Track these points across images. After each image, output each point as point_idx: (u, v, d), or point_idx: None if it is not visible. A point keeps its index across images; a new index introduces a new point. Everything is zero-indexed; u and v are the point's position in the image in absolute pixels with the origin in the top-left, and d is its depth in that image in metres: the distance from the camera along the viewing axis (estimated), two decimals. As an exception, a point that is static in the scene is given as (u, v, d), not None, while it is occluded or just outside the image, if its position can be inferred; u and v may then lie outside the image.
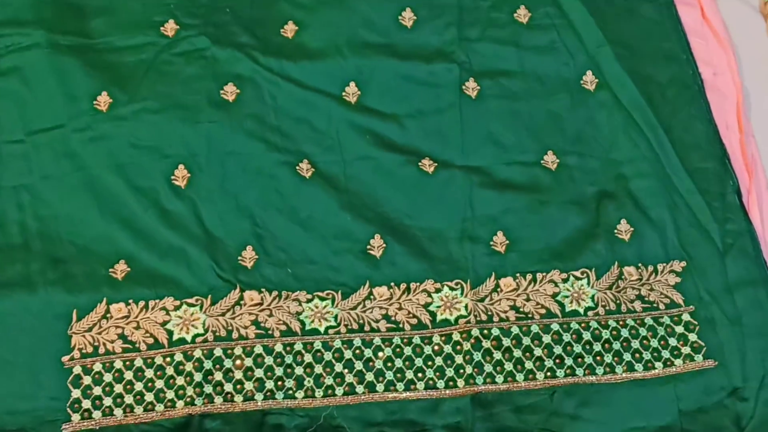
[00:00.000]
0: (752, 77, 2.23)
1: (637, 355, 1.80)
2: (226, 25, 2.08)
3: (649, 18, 2.23)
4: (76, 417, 1.68)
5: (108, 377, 1.72)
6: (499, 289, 1.85)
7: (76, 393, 1.70)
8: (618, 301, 1.85)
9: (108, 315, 1.77)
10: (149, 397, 1.71)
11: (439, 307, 1.82)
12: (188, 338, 1.76)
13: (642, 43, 2.19)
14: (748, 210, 1.98)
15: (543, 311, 1.84)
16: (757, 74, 2.24)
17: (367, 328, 1.80)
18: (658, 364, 1.80)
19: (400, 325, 1.81)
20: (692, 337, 1.83)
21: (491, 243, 1.90)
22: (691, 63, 2.18)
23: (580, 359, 1.79)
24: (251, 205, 1.89)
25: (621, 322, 1.83)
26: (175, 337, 1.76)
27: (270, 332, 1.78)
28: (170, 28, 2.07)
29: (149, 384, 1.72)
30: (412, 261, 1.87)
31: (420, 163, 1.97)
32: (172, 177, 1.90)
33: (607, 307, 1.84)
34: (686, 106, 2.10)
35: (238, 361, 1.74)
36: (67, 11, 2.06)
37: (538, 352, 1.79)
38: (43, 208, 1.86)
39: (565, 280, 1.87)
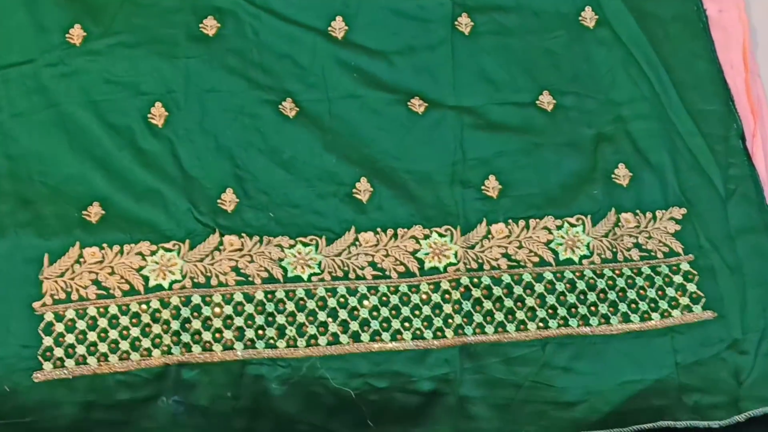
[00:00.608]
0: (760, 14, 2.14)
1: (634, 305, 1.75)
2: None
3: (652, -50, 2.12)
4: (47, 365, 1.63)
5: (81, 324, 1.66)
6: (490, 236, 1.79)
7: (47, 341, 1.64)
8: (614, 250, 1.79)
9: (81, 260, 1.71)
10: (124, 345, 1.66)
11: (427, 254, 1.76)
12: (165, 284, 1.70)
13: None
14: (751, 154, 1.91)
15: (536, 259, 1.77)
16: (764, 11, 2.15)
17: (352, 275, 1.74)
18: (656, 315, 1.74)
19: (387, 273, 1.74)
20: (691, 287, 1.77)
21: (483, 187, 1.83)
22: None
23: (573, 309, 1.74)
24: (231, 146, 1.82)
25: (617, 272, 1.77)
26: (152, 283, 1.70)
27: (251, 279, 1.71)
28: None
29: (124, 332, 1.67)
30: (400, 205, 1.80)
31: (409, 103, 1.89)
32: (149, 115, 1.83)
33: (603, 256, 1.78)
34: (689, 43, 2.02)
35: (216, 309, 1.68)
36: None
37: (530, 301, 1.74)
38: (12, 146, 1.78)
39: (559, 227, 1.81)
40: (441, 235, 1.78)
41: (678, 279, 1.77)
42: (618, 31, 2.00)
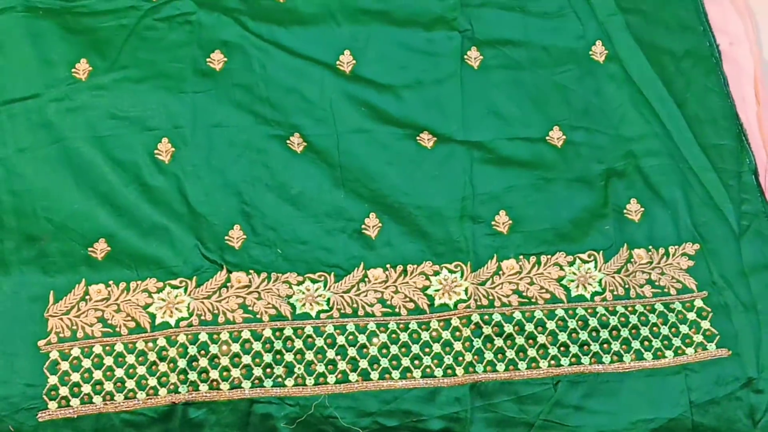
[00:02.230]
0: (769, 47, 2.12)
1: (647, 343, 1.72)
2: None
3: (664, -16, 2.11)
4: (53, 405, 1.61)
5: (87, 363, 1.64)
6: (501, 272, 1.77)
7: (53, 379, 1.62)
8: (627, 286, 1.77)
9: (87, 297, 1.69)
10: (130, 384, 1.63)
11: (437, 290, 1.74)
12: (172, 322, 1.68)
13: (656, 12, 2.08)
14: (765, 190, 1.89)
15: (547, 296, 1.75)
16: (776, 43, 2.14)
17: (361, 312, 1.72)
18: (669, 353, 1.71)
19: (396, 310, 1.72)
20: (705, 324, 1.74)
21: (493, 223, 1.81)
22: (708, 33, 2.07)
23: (585, 347, 1.71)
24: (239, 182, 1.80)
25: (630, 308, 1.75)
26: (158, 320, 1.68)
27: (258, 316, 1.70)
28: None
29: (130, 370, 1.64)
30: (409, 241, 1.78)
31: (418, 138, 1.88)
32: (156, 151, 1.81)
33: (615, 292, 1.76)
34: (702, 78, 2.00)
35: (224, 347, 1.66)
36: (43, -29, 1.94)
37: (541, 339, 1.71)
38: (17, 182, 1.77)
39: (570, 263, 1.78)
40: (451, 272, 1.76)
41: (691, 316, 1.75)
42: (628, 67, 1.99)
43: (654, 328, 1.74)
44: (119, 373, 1.64)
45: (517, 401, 1.67)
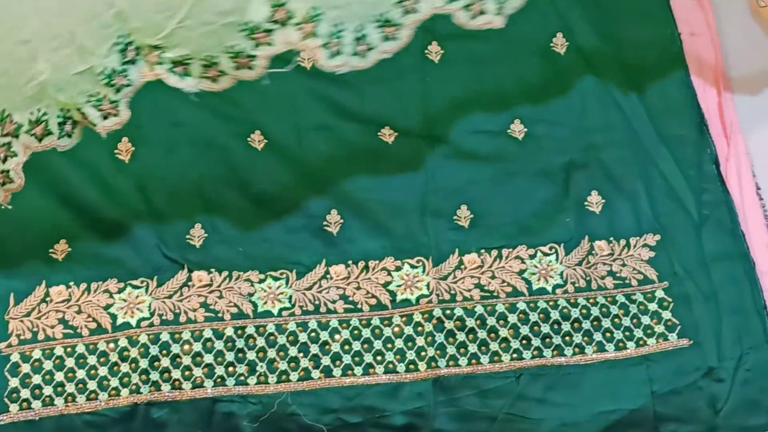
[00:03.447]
0: (732, 36, 2.12)
1: (608, 334, 1.72)
2: None
3: (625, -27, 2.11)
4: (14, 407, 1.61)
5: (48, 365, 1.64)
6: (462, 267, 1.76)
7: (14, 382, 1.62)
8: (588, 278, 1.77)
9: (48, 298, 1.69)
10: (92, 385, 1.63)
11: (399, 286, 1.73)
12: (133, 322, 1.68)
13: (619, 2, 2.07)
14: (725, 179, 1.89)
15: (509, 289, 1.75)
16: (736, 33, 2.13)
17: (323, 309, 1.72)
18: (630, 344, 1.72)
19: (358, 306, 1.72)
20: (666, 314, 1.74)
21: (454, 217, 1.81)
22: (671, 23, 2.06)
23: (547, 340, 1.71)
24: (200, 180, 1.80)
25: (591, 300, 1.75)
26: (119, 321, 1.68)
27: (220, 315, 1.69)
28: None
29: (92, 371, 1.64)
30: (371, 238, 1.78)
31: (379, 133, 1.87)
32: (115, 150, 1.80)
33: (577, 285, 1.76)
34: (663, 69, 2.00)
35: (186, 346, 1.65)
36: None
37: (503, 332, 1.71)
38: None
39: (532, 257, 1.78)
40: (413, 267, 1.75)
41: (653, 307, 1.75)
42: (590, 58, 1.98)
43: (615, 320, 1.74)
44: (81, 374, 1.64)
45: (479, 395, 1.67)
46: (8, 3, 1.49)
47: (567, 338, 1.72)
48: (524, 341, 1.71)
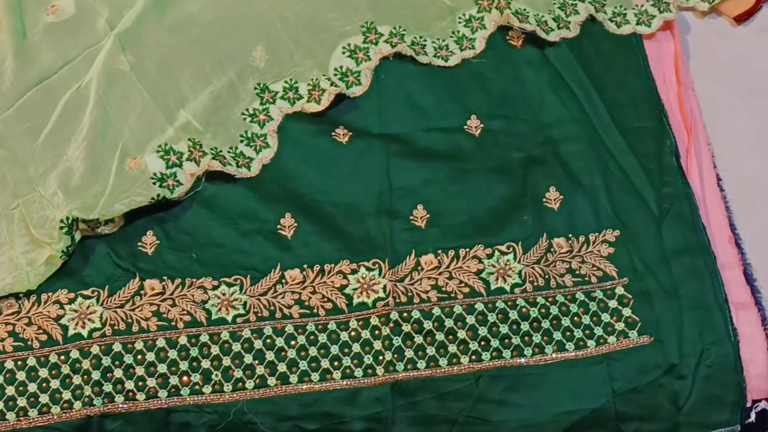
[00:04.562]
0: (691, 25, 2.10)
1: (568, 333, 1.70)
2: None
3: (580, -36, 2.08)
4: (-36, 423, 1.57)
5: (-1, 379, 1.60)
6: (419, 268, 1.74)
7: (-36, 397, 1.58)
8: (547, 276, 1.74)
9: (-4, 311, 1.64)
10: (44, 398, 1.60)
11: (355, 289, 1.71)
12: (84, 333, 1.64)
13: None
14: (686, 171, 1.86)
15: (467, 290, 1.72)
16: (696, 21, 2.11)
17: (278, 315, 1.69)
18: (591, 343, 1.69)
19: (315, 311, 1.69)
20: (626, 311, 1.72)
21: (411, 218, 1.78)
22: (629, 11, 2.03)
23: (506, 340, 1.69)
24: None
25: (550, 299, 1.72)
26: (71, 332, 1.65)
27: (173, 324, 1.66)
28: None
29: (44, 385, 1.61)
30: (326, 241, 1.75)
31: (333, 133, 1.85)
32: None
33: (536, 283, 1.73)
34: (621, 59, 1.98)
35: (139, 356, 1.62)
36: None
37: (461, 334, 1.69)
38: None
39: (489, 256, 1.76)
40: (369, 270, 1.73)
41: (613, 304, 1.73)
42: (546, 51, 1.95)
43: (575, 318, 1.71)
44: (32, 387, 1.61)
45: (438, 398, 1.65)
46: None
47: (526, 338, 1.69)
48: (483, 342, 1.68)
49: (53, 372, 1.62)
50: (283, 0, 1.93)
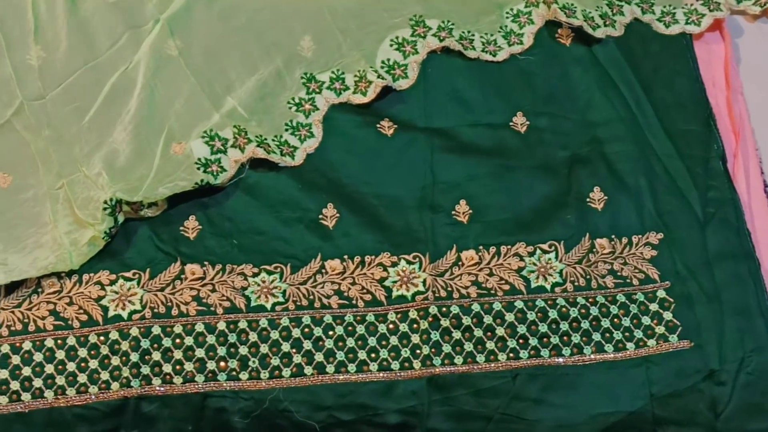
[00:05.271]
0: (742, 29, 2.07)
1: (608, 335, 1.69)
2: None
3: (633, -36, 2.06)
4: (3, 399, 1.59)
5: (38, 357, 1.62)
6: (460, 263, 1.73)
7: (3, 373, 1.60)
8: (588, 277, 1.73)
9: (39, 290, 1.66)
10: (82, 378, 1.61)
11: (395, 282, 1.70)
12: (124, 315, 1.65)
13: None
14: (732, 176, 1.84)
15: (507, 287, 1.71)
16: (747, 25, 2.09)
17: (317, 304, 1.69)
18: (630, 345, 1.68)
19: (353, 302, 1.69)
20: (667, 315, 1.71)
21: (453, 212, 1.77)
22: (680, 15, 2.02)
23: (545, 339, 1.68)
24: None
25: (590, 300, 1.71)
26: (111, 313, 1.65)
27: (212, 309, 1.67)
28: None
29: (82, 364, 1.62)
30: (368, 232, 1.75)
31: (378, 125, 1.84)
32: (109, 139, 1.77)
33: (576, 283, 1.72)
34: (671, 61, 1.96)
35: (177, 340, 1.63)
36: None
37: (500, 331, 1.68)
38: None
39: (531, 254, 1.75)
40: (409, 263, 1.72)
41: (654, 307, 1.72)
42: (594, 50, 1.94)
43: (615, 320, 1.70)
44: (71, 367, 1.62)
45: (475, 394, 1.64)
46: None
47: (565, 338, 1.69)
48: (521, 340, 1.68)
49: (92, 352, 1.63)
50: None
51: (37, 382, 1.60)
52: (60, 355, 1.62)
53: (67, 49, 1.82)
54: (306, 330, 1.66)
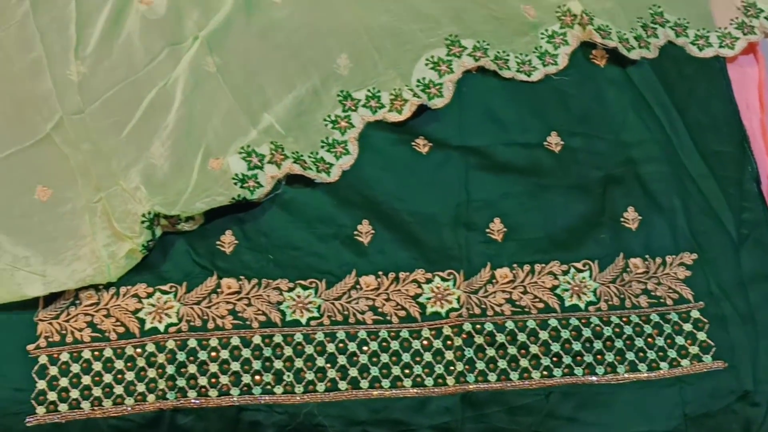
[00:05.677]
0: (776, 51, 2.08)
1: (641, 354, 1.69)
2: None
3: (664, -13, 2.08)
4: (41, 409, 1.60)
5: (75, 368, 1.63)
6: (494, 281, 1.74)
7: (41, 384, 1.61)
8: (622, 296, 1.73)
9: (77, 301, 1.68)
10: (119, 389, 1.62)
11: (429, 298, 1.71)
12: (161, 328, 1.66)
13: None
14: (766, 198, 1.84)
15: (541, 305, 1.72)
16: (781, 48, 2.10)
17: (352, 320, 1.69)
18: (664, 365, 1.68)
19: (388, 318, 1.70)
20: (701, 335, 1.71)
21: (487, 230, 1.78)
22: (714, 38, 2.03)
23: (579, 358, 1.68)
24: None
25: (624, 319, 1.71)
26: (147, 326, 1.66)
27: (248, 323, 1.68)
28: None
29: (119, 376, 1.63)
30: (402, 249, 1.75)
31: (413, 143, 1.85)
32: (148, 155, 1.78)
33: (610, 302, 1.73)
34: (705, 83, 1.97)
35: (213, 353, 1.64)
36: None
37: (534, 349, 1.68)
38: None
39: (565, 272, 1.75)
40: (444, 280, 1.73)
41: (688, 327, 1.72)
42: (629, 70, 1.95)
43: (649, 339, 1.71)
44: (108, 378, 1.63)
45: (508, 412, 1.65)
46: None
47: (599, 357, 1.69)
48: (555, 358, 1.68)
49: (128, 364, 1.64)
50: (369, 10, 1.93)
51: (74, 393, 1.61)
52: (97, 366, 1.63)
53: (107, 64, 1.84)
54: (340, 345, 1.67)
